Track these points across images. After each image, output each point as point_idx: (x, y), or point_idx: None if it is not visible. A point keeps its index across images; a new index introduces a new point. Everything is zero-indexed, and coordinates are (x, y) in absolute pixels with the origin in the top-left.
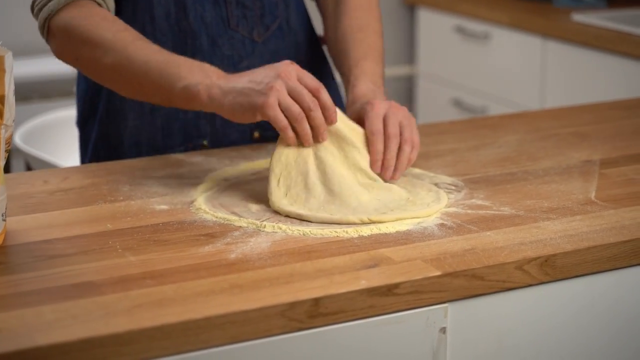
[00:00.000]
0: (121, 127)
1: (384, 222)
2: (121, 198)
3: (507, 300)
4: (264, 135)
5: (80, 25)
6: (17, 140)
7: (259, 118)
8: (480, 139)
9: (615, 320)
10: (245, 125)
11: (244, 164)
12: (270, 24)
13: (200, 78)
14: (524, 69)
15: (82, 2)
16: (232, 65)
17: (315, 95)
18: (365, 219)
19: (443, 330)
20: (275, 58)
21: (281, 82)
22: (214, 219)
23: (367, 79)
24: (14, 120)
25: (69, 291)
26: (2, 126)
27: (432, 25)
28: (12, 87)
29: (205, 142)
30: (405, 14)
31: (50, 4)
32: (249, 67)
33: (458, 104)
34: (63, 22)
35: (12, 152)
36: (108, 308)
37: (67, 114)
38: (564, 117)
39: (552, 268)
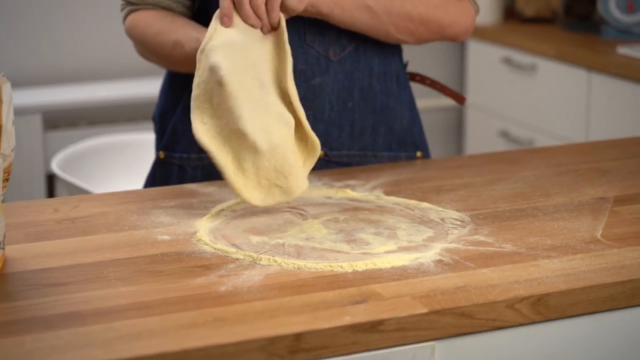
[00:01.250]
0: (189, 124)
1: None
2: (126, 228)
3: (498, 340)
4: (329, 154)
5: (134, 33)
6: (55, 166)
7: None
8: (498, 174)
9: None
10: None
11: None
12: (347, 44)
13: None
14: (570, 101)
15: (140, 11)
16: (304, 80)
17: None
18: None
19: None
20: (349, 78)
21: None
22: (212, 251)
23: None
24: (12, 150)
25: (54, 321)
26: (0, 155)
27: (481, 57)
28: (11, 116)
29: None
30: (455, 45)
31: (122, 12)
32: (321, 85)
33: (505, 135)
34: (127, 26)
35: (56, 178)
36: (88, 339)
37: (106, 140)
38: (588, 152)
39: (545, 307)
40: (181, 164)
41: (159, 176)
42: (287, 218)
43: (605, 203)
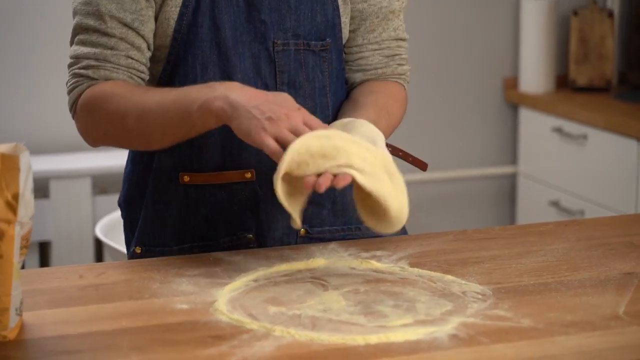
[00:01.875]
0: (165, 215)
1: None
2: (147, 296)
3: None
4: (311, 231)
5: (98, 99)
6: (98, 231)
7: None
8: (527, 247)
9: None
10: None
11: (279, 265)
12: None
13: (209, 93)
14: (620, 172)
15: (101, 83)
16: None
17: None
18: None
19: None
20: None
21: (297, 120)
22: (228, 321)
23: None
24: (31, 217)
25: None
26: (17, 223)
27: (533, 125)
28: (30, 185)
29: (250, 236)
30: (508, 113)
31: (74, 90)
32: None
33: (556, 205)
34: (85, 103)
35: (103, 244)
36: None
37: None
38: (621, 226)
39: None
40: (162, 253)
41: None
42: (308, 289)
43: (633, 278)
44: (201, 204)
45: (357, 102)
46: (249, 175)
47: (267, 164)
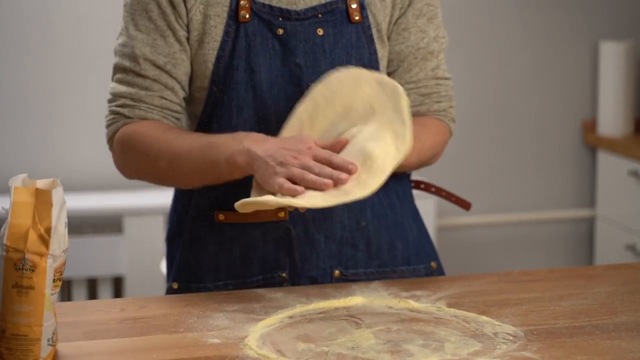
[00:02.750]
0: (201, 252)
1: None
2: (182, 330)
3: None
4: (345, 273)
5: (133, 139)
6: (163, 268)
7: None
8: (570, 289)
9: None
10: (326, 262)
11: (317, 302)
12: None
13: (235, 146)
14: None
15: (136, 122)
16: None
17: (327, 162)
18: None
19: None
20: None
21: (306, 159)
22: (255, 356)
23: None
24: (64, 251)
25: None
26: (49, 256)
27: (610, 168)
28: (63, 219)
29: (283, 275)
30: (586, 156)
31: (111, 127)
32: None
33: (632, 249)
34: (121, 141)
35: None
36: None
37: None
38: None
39: None
40: (198, 290)
41: None
42: (342, 326)
43: None
44: (236, 242)
45: None
46: (282, 214)
47: None
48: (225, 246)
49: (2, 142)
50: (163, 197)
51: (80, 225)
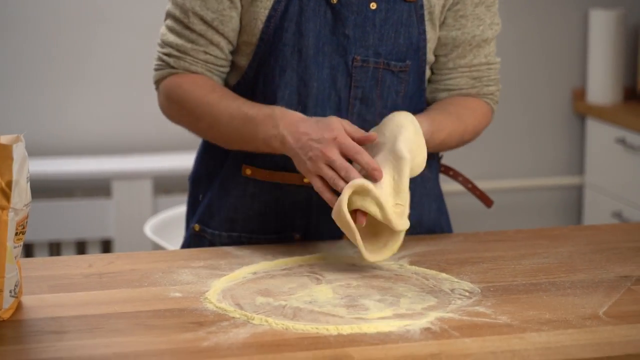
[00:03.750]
0: (223, 200)
1: None
2: (146, 284)
3: None
4: None
5: (176, 94)
6: (148, 230)
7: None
8: (534, 249)
9: None
10: (339, 231)
11: (281, 259)
12: None
13: (271, 129)
14: None
15: (181, 73)
16: None
17: (353, 157)
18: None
19: None
20: None
21: (331, 152)
22: (214, 309)
23: (431, 129)
24: (26, 205)
25: None
26: (10, 209)
27: (599, 136)
28: (25, 173)
29: (297, 236)
30: (576, 124)
31: (157, 72)
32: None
33: (619, 216)
34: (165, 90)
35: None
36: None
37: None
38: (636, 232)
39: None
40: (212, 240)
41: (193, 247)
42: (302, 282)
43: (626, 281)
44: (257, 197)
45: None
46: (306, 180)
47: None
48: (246, 200)
49: None
50: (151, 162)
51: (69, 188)
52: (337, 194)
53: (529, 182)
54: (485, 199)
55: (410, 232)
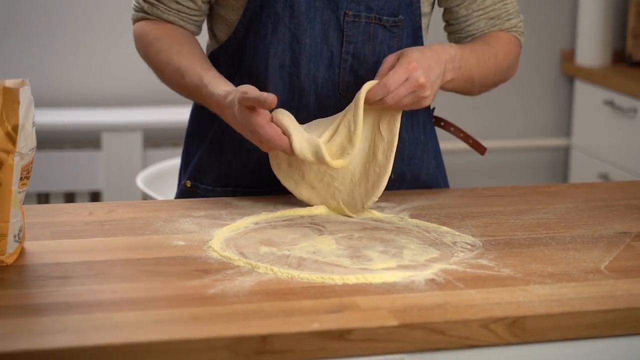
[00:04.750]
0: (217, 157)
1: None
2: (148, 232)
3: (470, 357)
4: None
5: (143, 44)
6: (139, 182)
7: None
8: (532, 205)
9: None
10: None
11: (283, 210)
12: None
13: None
14: None
15: (152, 20)
16: None
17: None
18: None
19: None
20: None
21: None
22: (218, 257)
23: (456, 56)
24: (32, 149)
25: (41, 309)
26: (16, 154)
27: (586, 98)
28: (31, 118)
29: None
30: (565, 85)
31: (136, 14)
32: None
33: (605, 178)
34: (137, 33)
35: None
36: (64, 326)
37: None
38: (632, 190)
39: (521, 330)
40: (205, 195)
41: None
42: (304, 232)
43: (625, 237)
44: (252, 155)
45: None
46: None
47: None
48: (241, 157)
49: None
50: (141, 115)
51: (59, 140)
52: None
53: (517, 143)
54: (479, 147)
55: (408, 187)
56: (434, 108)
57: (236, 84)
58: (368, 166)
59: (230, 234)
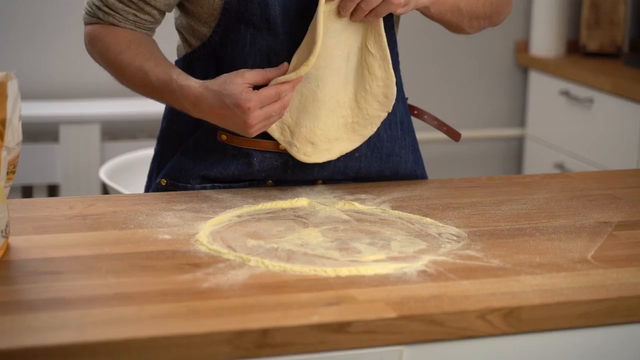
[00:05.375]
0: (199, 160)
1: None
2: (132, 226)
3: (468, 349)
4: (326, 183)
5: (99, 47)
6: (102, 174)
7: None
8: (510, 195)
9: None
10: (309, 173)
11: (264, 203)
12: None
13: (177, 103)
14: (624, 136)
15: (106, 25)
16: None
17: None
18: None
19: None
20: None
21: (252, 120)
22: (207, 251)
23: None
24: (18, 144)
25: (37, 305)
26: (3, 148)
27: (541, 88)
28: (18, 112)
29: (270, 182)
30: (519, 76)
31: (88, 17)
32: None
33: (561, 168)
34: (90, 37)
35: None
36: (63, 322)
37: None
38: (606, 179)
39: (517, 320)
40: (184, 189)
41: None
42: (289, 225)
43: (607, 227)
44: (236, 160)
45: None
46: (282, 147)
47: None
48: (226, 161)
49: None
50: (99, 107)
51: None
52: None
53: (472, 133)
54: (453, 133)
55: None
56: (407, 97)
57: None
58: (369, 85)
59: (215, 227)
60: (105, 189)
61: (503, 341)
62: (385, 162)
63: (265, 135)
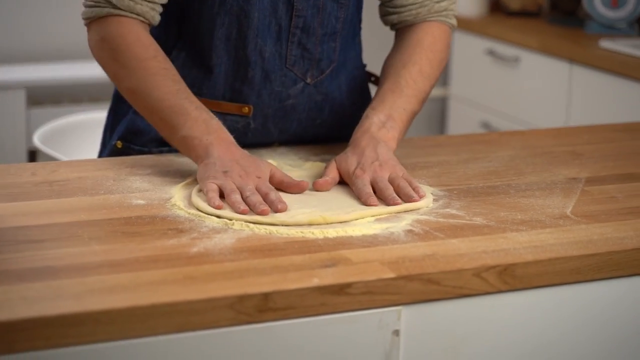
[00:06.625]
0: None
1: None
2: (102, 192)
3: (465, 307)
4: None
5: (114, 42)
6: (36, 140)
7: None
8: (474, 153)
9: (576, 333)
10: (269, 136)
11: None
12: (326, 68)
13: (202, 134)
14: (552, 93)
15: (123, 18)
16: (278, 101)
17: (264, 195)
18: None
19: (396, 332)
20: (322, 99)
21: (247, 181)
22: (186, 215)
23: (382, 110)
24: None
25: (27, 274)
26: None
27: (465, 48)
28: None
29: None
30: None
31: (93, 9)
32: (293, 106)
33: (487, 126)
34: (101, 32)
35: (37, 153)
36: (59, 292)
37: (88, 117)
38: (564, 136)
39: (511, 277)
40: (141, 152)
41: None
42: None
43: (577, 183)
44: None
45: (380, 86)
46: (246, 109)
47: (265, 102)
48: None
49: None
50: (25, 72)
51: None
52: None
53: None
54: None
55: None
56: (366, 64)
57: (177, 52)
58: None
59: (187, 190)
60: (33, 156)
61: (498, 299)
62: (346, 127)
63: (227, 97)
